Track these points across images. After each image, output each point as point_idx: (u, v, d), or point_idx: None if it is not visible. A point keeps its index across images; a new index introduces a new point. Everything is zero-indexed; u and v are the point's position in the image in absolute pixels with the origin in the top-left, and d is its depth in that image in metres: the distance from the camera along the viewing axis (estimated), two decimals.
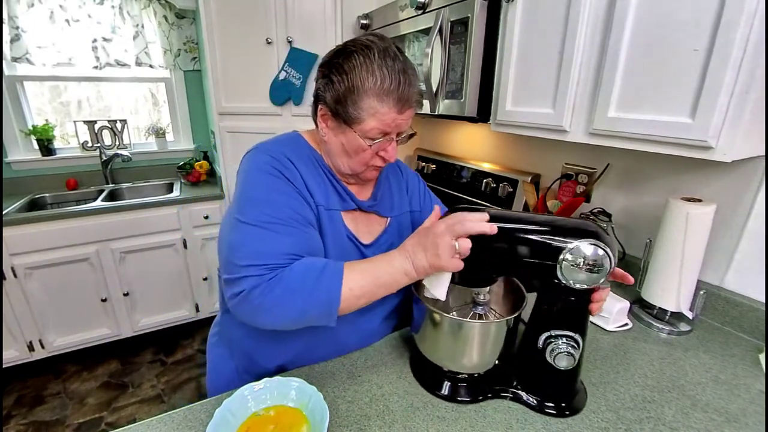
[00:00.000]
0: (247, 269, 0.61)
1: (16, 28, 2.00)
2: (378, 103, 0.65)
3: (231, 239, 0.64)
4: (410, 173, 0.95)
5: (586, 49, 0.87)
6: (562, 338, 0.64)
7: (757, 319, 0.88)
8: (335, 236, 0.74)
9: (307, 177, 0.71)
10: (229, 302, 0.63)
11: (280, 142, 0.75)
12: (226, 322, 0.86)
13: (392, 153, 0.72)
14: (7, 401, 1.89)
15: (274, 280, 0.60)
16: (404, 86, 0.65)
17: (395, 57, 0.66)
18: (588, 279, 0.59)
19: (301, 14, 1.73)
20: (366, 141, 0.68)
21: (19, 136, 2.21)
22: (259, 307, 0.61)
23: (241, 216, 0.65)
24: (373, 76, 0.64)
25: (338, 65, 0.66)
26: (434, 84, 1.23)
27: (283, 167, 0.69)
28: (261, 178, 0.67)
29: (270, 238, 0.63)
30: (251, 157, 0.71)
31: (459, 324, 0.67)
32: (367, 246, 0.79)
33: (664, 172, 1.04)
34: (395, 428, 0.64)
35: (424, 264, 0.62)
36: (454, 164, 1.75)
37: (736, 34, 0.62)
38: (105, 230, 1.96)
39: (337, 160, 0.74)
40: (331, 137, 0.73)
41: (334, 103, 0.67)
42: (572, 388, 0.69)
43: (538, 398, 0.68)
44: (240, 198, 0.68)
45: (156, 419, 0.66)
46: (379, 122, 0.66)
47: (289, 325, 0.64)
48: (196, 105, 2.61)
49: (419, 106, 0.72)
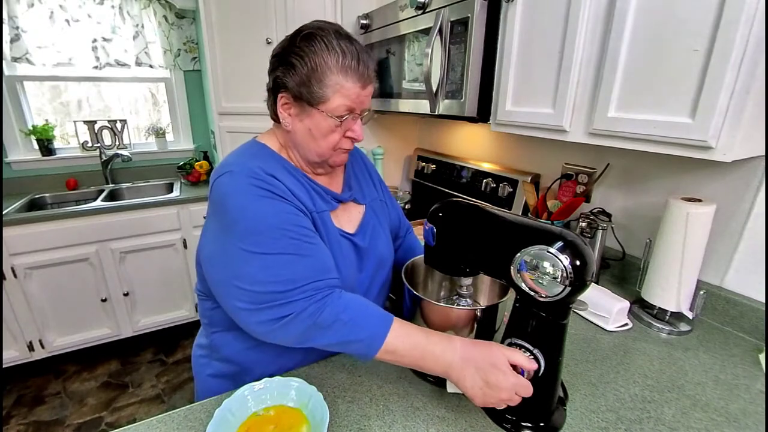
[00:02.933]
0: (287, 294, 0.61)
1: (16, 28, 2.00)
2: (343, 78, 0.66)
3: (249, 272, 0.62)
4: (371, 164, 0.96)
5: (586, 49, 0.87)
6: (522, 348, 0.62)
7: (757, 319, 0.88)
8: (330, 237, 0.74)
9: (291, 187, 0.70)
10: (262, 327, 0.63)
11: (249, 157, 0.72)
12: (218, 342, 0.81)
13: (359, 131, 0.73)
14: (7, 401, 1.89)
15: (322, 302, 0.62)
16: (363, 61, 0.67)
17: (348, 36, 0.68)
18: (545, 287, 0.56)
19: (301, 14, 1.73)
20: (333, 120, 0.69)
21: (19, 136, 2.21)
22: (312, 326, 0.61)
23: (252, 247, 0.62)
24: (335, 53, 0.65)
25: (297, 49, 0.66)
26: (434, 84, 1.23)
27: (270, 185, 0.66)
28: (255, 204, 0.64)
29: (298, 262, 0.63)
30: (229, 182, 0.66)
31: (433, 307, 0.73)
32: (354, 235, 0.80)
33: (664, 172, 1.04)
34: (395, 428, 0.64)
35: (468, 384, 0.60)
36: (454, 164, 1.75)
37: (736, 34, 0.62)
38: (105, 230, 1.96)
39: (305, 148, 0.73)
40: (296, 124, 0.71)
41: (297, 87, 0.67)
42: (547, 406, 0.65)
43: (513, 417, 0.65)
44: (240, 228, 0.64)
45: (156, 419, 0.66)
46: (344, 98, 0.67)
47: (333, 346, 0.64)
48: (196, 105, 2.61)
49: (376, 83, 0.74)
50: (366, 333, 0.62)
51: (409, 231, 1.06)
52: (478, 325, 0.72)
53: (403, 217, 1.04)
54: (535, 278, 0.56)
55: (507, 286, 0.75)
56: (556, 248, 0.55)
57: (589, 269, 0.55)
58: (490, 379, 0.58)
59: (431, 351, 0.61)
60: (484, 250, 0.67)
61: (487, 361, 0.59)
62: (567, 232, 0.57)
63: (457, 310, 0.73)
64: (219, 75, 1.93)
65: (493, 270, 0.68)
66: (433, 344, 0.62)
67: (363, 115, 0.74)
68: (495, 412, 0.66)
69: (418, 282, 0.91)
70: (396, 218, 0.99)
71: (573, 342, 0.87)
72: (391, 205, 0.98)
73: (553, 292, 0.55)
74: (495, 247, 0.64)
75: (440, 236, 0.72)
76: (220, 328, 0.80)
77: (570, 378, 0.75)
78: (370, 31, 1.62)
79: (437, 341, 0.62)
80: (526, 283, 0.58)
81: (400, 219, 1.02)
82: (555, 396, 0.66)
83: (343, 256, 0.76)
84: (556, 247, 0.55)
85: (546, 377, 0.61)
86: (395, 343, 0.62)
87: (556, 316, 0.60)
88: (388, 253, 0.88)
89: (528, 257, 0.57)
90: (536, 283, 0.56)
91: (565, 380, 0.74)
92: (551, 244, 0.55)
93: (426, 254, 0.79)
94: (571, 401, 0.70)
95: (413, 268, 0.86)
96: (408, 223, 1.06)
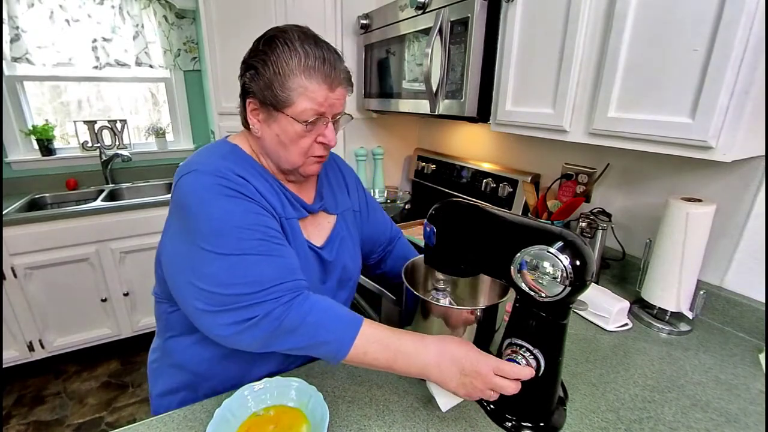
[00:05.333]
0: (253, 296, 0.59)
1: (16, 28, 2.00)
2: (306, 80, 0.64)
3: (213, 273, 0.59)
4: (349, 172, 0.92)
5: (586, 49, 0.87)
6: (522, 348, 0.61)
7: (757, 319, 0.88)
8: (297, 246, 0.72)
9: (261, 190, 0.67)
10: (224, 330, 0.59)
11: (218, 156, 0.69)
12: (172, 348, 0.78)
13: (331, 136, 0.69)
14: (7, 401, 1.89)
15: (288, 304, 0.60)
16: (329, 62, 0.65)
17: (315, 38, 0.66)
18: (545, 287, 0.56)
19: (301, 14, 1.73)
20: (300, 125, 0.66)
21: (19, 136, 2.21)
22: (278, 329, 0.59)
23: (216, 248, 0.60)
24: (297, 54, 0.63)
25: (261, 53, 0.65)
26: (434, 84, 1.23)
27: (237, 185, 0.64)
28: (220, 203, 0.62)
29: (265, 263, 0.61)
30: (194, 181, 0.63)
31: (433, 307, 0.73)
32: (322, 248, 0.78)
33: (664, 172, 1.05)
34: (395, 428, 0.64)
35: (449, 383, 0.59)
36: (454, 164, 1.75)
37: (736, 34, 0.62)
38: (105, 230, 1.96)
39: (275, 155, 0.71)
40: (265, 130, 0.69)
41: (262, 91, 0.66)
42: (547, 406, 0.65)
43: (513, 417, 0.65)
44: (202, 228, 0.61)
45: (156, 419, 0.66)
46: (310, 101, 0.65)
47: (301, 350, 0.62)
48: (196, 105, 2.60)
49: (350, 85, 0.70)
50: (334, 335, 0.60)
51: (399, 238, 1.02)
52: (478, 325, 0.72)
53: (393, 225, 1.01)
54: (535, 278, 0.56)
55: (507, 286, 0.75)
56: (556, 248, 0.55)
57: (589, 269, 0.55)
58: (465, 366, 0.58)
59: (404, 351, 0.60)
60: (484, 250, 0.67)
61: (460, 350, 0.60)
62: (567, 232, 0.57)
63: (457, 310, 0.73)
64: (219, 75, 1.93)
65: (493, 270, 0.68)
66: (405, 345, 0.61)
67: (336, 119, 0.70)
68: (495, 412, 0.67)
69: (418, 282, 0.91)
70: (378, 230, 0.96)
71: (573, 342, 0.87)
72: (374, 213, 0.95)
73: (553, 292, 0.55)
74: (495, 247, 0.64)
75: (440, 236, 0.72)
76: (176, 332, 0.76)
77: (570, 378, 0.75)
78: (370, 31, 1.62)
79: (409, 341, 0.61)
80: (526, 283, 0.58)
81: (389, 227, 0.99)
82: (555, 396, 0.66)
83: (308, 267, 0.73)
84: (556, 247, 0.55)
85: (546, 377, 0.61)
86: (365, 345, 0.60)
87: (556, 316, 0.60)
88: (354, 267, 0.85)
89: (528, 257, 0.57)
90: (536, 283, 0.56)
91: (565, 380, 0.74)
92: (551, 244, 0.55)
93: (426, 254, 0.79)
94: (571, 401, 0.70)
95: (413, 268, 0.86)
96: (398, 229, 1.02)
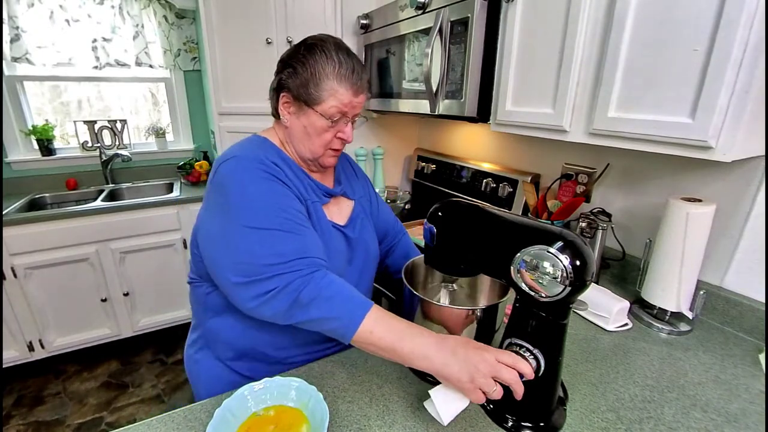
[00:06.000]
0: (276, 267, 0.65)
1: (16, 28, 2.00)
2: (337, 84, 0.74)
3: (246, 244, 0.67)
4: (358, 168, 1.02)
5: (586, 49, 0.87)
6: (522, 348, 0.61)
7: (757, 319, 0.88)
8: (322, 227, 0.79)
9: (290, 176, 0.76)
10: (252, 302, 0.66)
11: (254, 147, 0.78)
12: (215, 327, 0.83)
13: (349, 133, 0.80)
14: (7, 401, 1.89)
15: (307, 277, 0.65)
16: (357, 73, 0.76)
17: (348, 50, 0.77)
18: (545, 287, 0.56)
19: (301, 14, 1.72)
20: (326, 120, 0.76)
21: (19, 136, 2.21)
22: (296, 301, 0.64)
23: (250, 223, 0.67)
24: (333, 62, 0.74)
25: (301, 56, 0.75)
26: (434, 84, 1.23)
27: (272, 170, 0.73)
28: (257, 184, 0.71)
29: (289, 239, 0.68)
30: (235, 166, 0.72)
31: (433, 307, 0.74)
32: (345, 226, 0.85)
33: (664, 172, 1.04)
34: (395, 428, 0.64)
35: (452, 367, 0.58)
36: (454, 164, 1.75)
37: (736, 34, 0.62)
38: (105, 230, 1.96)
39: (300, 144, 0.80)
40: (294, 121, 0.79)
41: (297, 88, 0.75)
42: (547, 406, 0.65)
43: (513, 417, 0.65)
44: (240, 204, 0.69)
45: (156, 419, 0.66)
46: (338, 101, 0.75)
47: (314, 323, 0.66)
48: (196, 105, 2.60)
49: (370, 92, 0.80)
50: (345, 311, 0.64)
51: (404, 234, 1.07)
52: (478, 325, 0.72)
53: (397, 220, 1.07)
54: (535, 278, 0.56)
55: (507, 286, 0.75)
56: (556, 248, 0.55)
57: (589, 269, 0.55)
58: (469, 349, 0.58)
59: (409, 333, 0.63)
60: (484, 250, 0.67)
61: (460, 342, 0.61)
62: (567, 232, 0.57)
63: (457, 310, 0.73)
64: (219, 75, 1.93)
65: (493, 270, 0.68)
66: (410, 329, 0.64)
67: (355, 120, 0.81)
68: (495, 412, 0.67)
69: (418, 282, 0.91)
70: (387, 220, 1.03)
71: (573, 342, 0.87)
72: (382, 206, 1.03)
73: (553, 292, 0.55)
74: (495, 247, 0.64)
75: (440, 236, 0.72)
76: (217, 311, 0.82)
77: (570, 378, 0.75)
78: (370, 31, 1.61)
79: (414, 326, 0.64)
80: (526, 283, 0.58)
81: (394, 221, 1.05)
82: (555, 396, 0.65)
83: (334, 246, 0.80)
84: (556, 247, 0.55)
85: (546, 377, 0.61)
86: (372, 324, 0.63)
87: (556, 316, 0.60)
88: (375, 248, 0.93)
89: (528, 257, 0.57)
90: (536, 283, 0.56)
91: (565, 380, 0.74)
92: (551, 244, 0.55)
93: (426, 254, 0.79)
94: (571, 401, 0.70)
95: (413, 268, 0.86)
96: (402, 226, 1.08)
